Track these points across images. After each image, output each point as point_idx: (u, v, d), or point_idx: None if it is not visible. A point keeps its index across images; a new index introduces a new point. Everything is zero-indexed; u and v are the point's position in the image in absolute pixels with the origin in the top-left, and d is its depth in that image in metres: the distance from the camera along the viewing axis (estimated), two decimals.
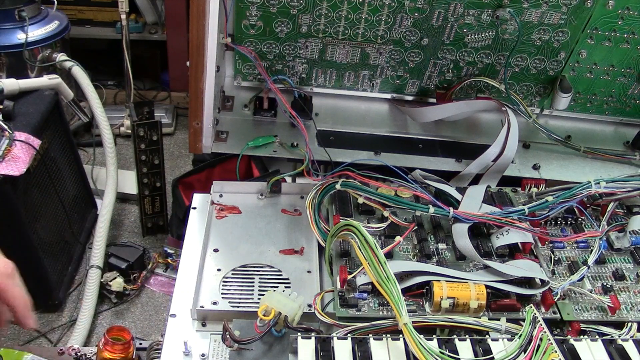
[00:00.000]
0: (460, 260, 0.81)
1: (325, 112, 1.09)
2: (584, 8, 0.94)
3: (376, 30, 0.99)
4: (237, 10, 0.96)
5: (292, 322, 0.69)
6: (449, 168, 1.02)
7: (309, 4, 0.95)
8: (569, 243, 0.84)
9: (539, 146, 1.09)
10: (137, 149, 1.42)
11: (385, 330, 0.69)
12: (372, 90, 1.10)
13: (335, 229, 0.76)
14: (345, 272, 0.76)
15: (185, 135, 2.09)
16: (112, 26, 2.26)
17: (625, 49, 1.01)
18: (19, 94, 1.25)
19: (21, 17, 1.60)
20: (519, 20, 0.95)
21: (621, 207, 0.90)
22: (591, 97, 1.09)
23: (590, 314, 0.76)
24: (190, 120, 0.98)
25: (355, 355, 0.65)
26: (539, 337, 0.66)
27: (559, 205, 0.84)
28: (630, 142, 1.12)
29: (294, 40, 1.01)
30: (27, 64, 1.61)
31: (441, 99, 1.08)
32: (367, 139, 1.06)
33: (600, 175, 1.03)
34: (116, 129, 2.03)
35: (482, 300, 0.72)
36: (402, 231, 0.82)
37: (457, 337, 0.69)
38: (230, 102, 1.08)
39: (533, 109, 1.10)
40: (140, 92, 2.27)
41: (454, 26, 0.98)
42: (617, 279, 0.80)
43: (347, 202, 0.87)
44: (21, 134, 1.15)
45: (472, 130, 1.10)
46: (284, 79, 1.04)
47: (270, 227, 0.88)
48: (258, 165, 1.11)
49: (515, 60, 1.03)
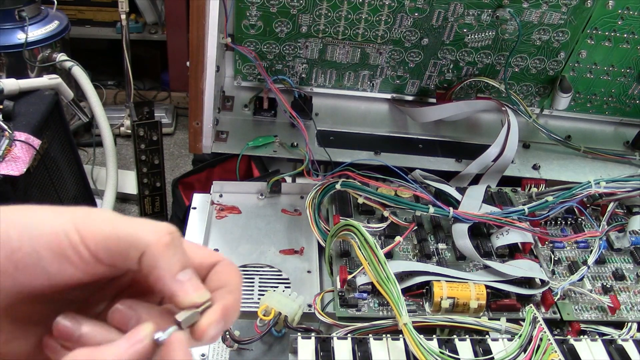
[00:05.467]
0: (460, 260, 0.81)
1: (325, 112, 1.09)
2: (584, 8, 0.94)
3: (376, 30, 0.99)
4: (237, 10, 0.96)
5: (292, 322, 0.69)
6: (449, 168, 1.02)
7: (309, 4, 0.95)
8: (569, 243, 0.84)
9: (539, 146, 1.09)
10: (137, 149, 1.43)
11: (385, 330, 0.69)
12: (372, 90, 1.10)
13: (335, 229, 0.76)
14: (345, 272, 0.76)
15: (185, 135, 2.09)
16: (112, 26, 2.26)
17: (625, 49, 1.01)
18: (19, 94, 1.25)
19: (21, 17, 1.61)
20: (519, 20, 0.95)
21: (621, 207, 0.90)
22: (591, 97, 1.09)
23: (590, 314, 0.76)
24: (190, 120, 0.98)
25: (355, 355, 0.65)
26: (539, 337, 0.66)
27: (559, 205, 0.84)
28: (630, 142, 1.12)
29: (294, 40, 1.01)
30: (27, 64, 1.62)
31: (441, 99, 1.08)
32: (367, 139, 1.06)
33: (600, 175, 1.03)
34: (116, 129, 2.04)
35: (482, 300, 0.72)
36: (402, 231, 0.83)
37: (457, 337, 0.69)
38: (230, 102, 1.08)
39: (533, 109, 1.10)
40: (140, 92, 2.27)
41: (454, 26, 0.98)
42: (617, 279, 0.80)
43: (347, 202, 0.87)
44: (21, 134, 1.15)
45: (472, 130, 1.10)
46: (284, 79, 1.04)
47: (270, 227, 0.88)
48: (258, 165, 1.11)
49: (515, 60, 1.03)
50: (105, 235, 0.33)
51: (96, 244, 0.33)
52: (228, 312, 0.35)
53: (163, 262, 0.34)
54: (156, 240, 0.34)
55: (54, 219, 0.33)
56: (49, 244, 0.33)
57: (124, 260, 0.34)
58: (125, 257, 0.34)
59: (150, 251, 0.34)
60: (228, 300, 0.36)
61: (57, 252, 0.33)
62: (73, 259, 0.33)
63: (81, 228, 0.33)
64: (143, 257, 0.34)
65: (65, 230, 0.33)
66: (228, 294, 0.36)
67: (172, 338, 0.33)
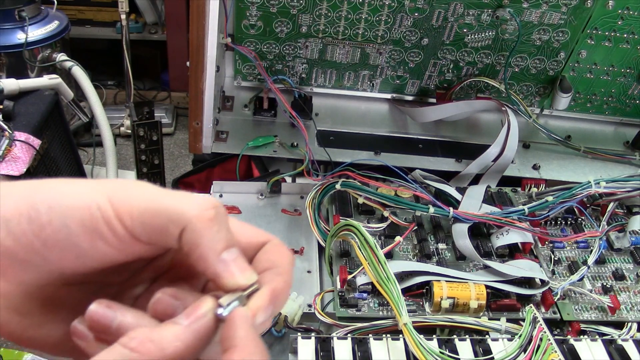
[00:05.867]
0: (460, 260, 0.81)
1: (325, 112, 1.09)
2: (584, 8, 0.94)
3: (376, 30, 0.99)
4: (237, 10, 0.96)
5: (292, 322, 0.69)
6: (449, 168, 1.02)
7: (309, 4, 0.95)
8: (569, 243, 0.84)
9: (539, 146, 1.09)
10: (137, 149, 1.42)
11: (385, 330, 0.69)
12: (372, 90, 1.10)
13: (335, 229, 0.76)
14: (345, 272, 0.76)
15: (185, 135, 2.09)
16: (112, 26, 2.26)
17: (625, 49, 1.01)
18: (19, 94, 1.25)
19: (21, 17, 1.61)
20: (519, 20, 0.95)
21: (621, 207, 0.90)
22: (591, 97, 1.09)
23: (590, 314, 0.76)
24: (190, 120, 0.98)
25: (355, 355, 0.65)
26: (539, 337, 0.66)
27: (559, 205, 0.84)
28: (630, 142, 1.12)
29: (294, 40, 1.01)
30: (27, 64, 1.62)
31: (441, 99, 1.08)
32: (367, 139, 1.06)
33: (600, 175, 1.03)
34: (116, 129, 2.04)
35: (482, 300, 0.72)
36: (402, 231, 0.83)
37: (457, 337, 0.69)
38: (230, 102, 1.08)
39: (533, 109, 1.10)
40: (140, 92, 2.28)
41: (454, 26, 0.98)
42: (617, 279, 0.80)
43: (347, 202, 0.87)
44: (21, 134, 1.15)
45: (472, 130, 1.10)
46: (284, 79, 1.04)
47: (270, 227, 0.88)
48: (258, 165, 1.11)
49: (515, 60, 1.03)
50: (142, 208, 0.30)
51: (132, 218, 0.30)
52: (277, 296, 0.32)
53: (206, 239, 0.30)
54: (199, 214, 0.30)
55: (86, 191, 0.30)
56: (80, 218, 0.30)
57: (162, 237, 0.30)
58: (164, 234, 0.30)
59: (191, 227, 0.30)
60: (277, 283, 0.32)
61: (89, 227, 0.30)
62: (106, 235, 0.30)
63: (116, 201, 0.30)
64: (184, 234, 0.30)
65: (98, 203, 0.30)
66: (277, 276, 0.33)
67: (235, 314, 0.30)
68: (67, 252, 0.30)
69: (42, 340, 0.33)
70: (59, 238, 0.29)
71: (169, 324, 0.29)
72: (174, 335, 0.28)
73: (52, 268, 0.30)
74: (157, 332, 0.29)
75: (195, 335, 0.29)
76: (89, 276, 0.32)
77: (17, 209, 0.30)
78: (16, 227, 0.29)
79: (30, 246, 0.29)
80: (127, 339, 0.28)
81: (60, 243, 0.30)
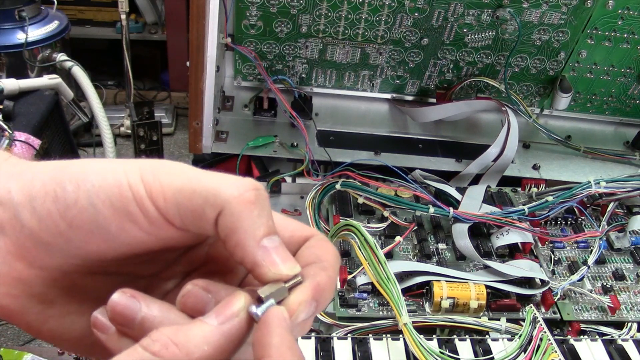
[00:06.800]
0: (460, 260, 0.81)
1: (325, 112, 1.09)
2: (584, 8, 0.94)
3: (376, 30, 0.99)
4: (237, 10, 0.96)
5: None
6: (449, 168, 1.02)
7: (309, 4, 0.95)
8: (569, 243, 0.85)
9: (539, 146, 1.09)
10: (137, 149, 1.43)
11: (385, 330, 0.69)
12: (372, 90, 1.10)
13: (335, 229, 0.76)
14: (345, 272, 0.76)
15: (185, 135, 2.09)
16: (112, 26, 2.26)
17: (625, 49, 1.01)
18: (19, 94, 1.25)
19: (21, 17, 1.61)
20: (519, 20, 0.95)
21: (621, 207, 0.90)
22: (591, 97, 1.09)
23: (590, 314, 0.76)
24: (190, 120, 0.98)
25: (355, 355, 0.65)
26: (539, 337, 0.66)
27: (559, 205, 0.84)
28: (630, 142, 1.12)
29: (294, 40, 1.01)
30: (27, 64, 1.62)
31: (441, 99, 1.08)
32: (367, 139, 1.06)
33: (600, 175, 1.03)
34: (116, 129, 2.04)
35: (482, 300, 0.72)
36: (402, 231, 0.83)
37: (457, 337, 0.69)
38: (230, 102, 1.08)
39: (533, 109, 1.10)
40: (140, 92, 2.28)
41: (454, 26, 0.98)
42: (617, 279, 0.80)
43: (347, 202, 0.87)
44: (21, 134, 1.15)
45: (472, 130, 1.10)
46: (284, 79, 1.04)
47: None
48: (258, 165, 1.11)
49: (515, 60, 1.03)
50: (177, 188, 0.27)
51: (165, 199, 0.27)
52: (321, 292, 0.28)
53: (245, 222, 0.27)
54: (238, 196, 0.27)
55: (117, 169, 0.27)
56: (109, 197, 0.27)
57: (197, 221, 0.27)
58: (199, 217, 0.27)
59: (229, 209, 0.27)
60: (321, 278, 0.29)
61: (118, 207, 0.27)
62: (137, 217, 0.27)
63: (149, 180, 0.27)
64: (220, 218, 0.27)
65: (129, 181, 0.27)
66: (322, 271, 0.29)
67: (270, 315, 0.27)
68: (94, 234, 0.27)
69: (62, 334, 0.30)
70: (85, 219, 0.27)
71: (197, 322, 0.27)
72: (202, 338, 0.26)
73: (77, 252, 0.28)
74: (183, 333, 0.26)
75: (226, 338, 0.26)
76: (117, 265, 0.30)
77: (44, 187, 0.27)
78: (41, 207, 0.27)
79: (55, 228, 0.27)
80: (149, 340, 0.25)
81: (87, 224, 0.27)
